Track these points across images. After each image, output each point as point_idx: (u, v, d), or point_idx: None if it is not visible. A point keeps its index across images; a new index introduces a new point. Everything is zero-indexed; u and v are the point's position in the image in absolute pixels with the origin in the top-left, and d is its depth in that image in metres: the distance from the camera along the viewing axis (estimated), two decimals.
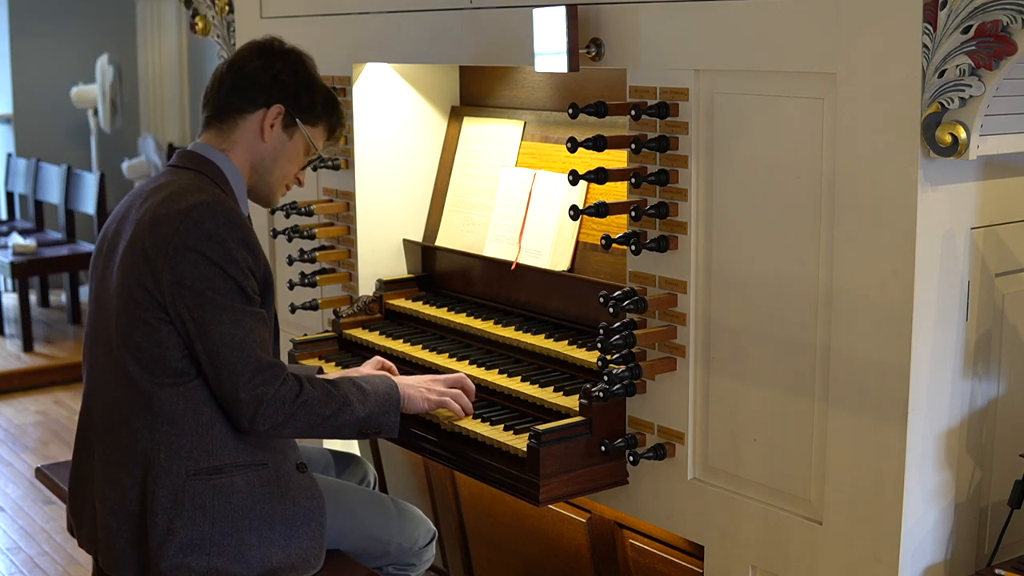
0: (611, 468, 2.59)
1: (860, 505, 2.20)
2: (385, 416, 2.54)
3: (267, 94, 2.57)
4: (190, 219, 2.37)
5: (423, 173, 3.52)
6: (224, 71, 2.60)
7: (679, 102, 2.42)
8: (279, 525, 2.47)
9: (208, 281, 2.36)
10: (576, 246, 3.01)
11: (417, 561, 2.84)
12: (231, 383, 2.36)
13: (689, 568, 2.68)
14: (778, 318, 2.31)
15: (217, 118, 2.59)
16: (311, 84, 2.63)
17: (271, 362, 2.41)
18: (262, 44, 2.63)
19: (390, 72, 3.43)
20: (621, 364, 2.50)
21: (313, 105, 2.62)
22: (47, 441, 5.87)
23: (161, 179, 2.53)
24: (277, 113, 2.57)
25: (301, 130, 2.60)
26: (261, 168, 2.60)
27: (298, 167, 2.67)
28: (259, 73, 2.57)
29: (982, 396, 2.28)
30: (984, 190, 2.19)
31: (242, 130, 2.57)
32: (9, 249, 7.42)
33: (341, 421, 2.48)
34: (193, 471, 2.41)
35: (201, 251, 2.36)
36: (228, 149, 2.57)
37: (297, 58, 2.63)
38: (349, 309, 3.37)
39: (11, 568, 4.45)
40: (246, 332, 2.38)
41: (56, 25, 8.77)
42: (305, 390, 2.43)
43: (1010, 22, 1.88)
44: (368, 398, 2.52)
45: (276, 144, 2.59)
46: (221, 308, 2.36)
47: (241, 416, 2.39)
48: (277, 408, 2.39)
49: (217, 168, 2.54)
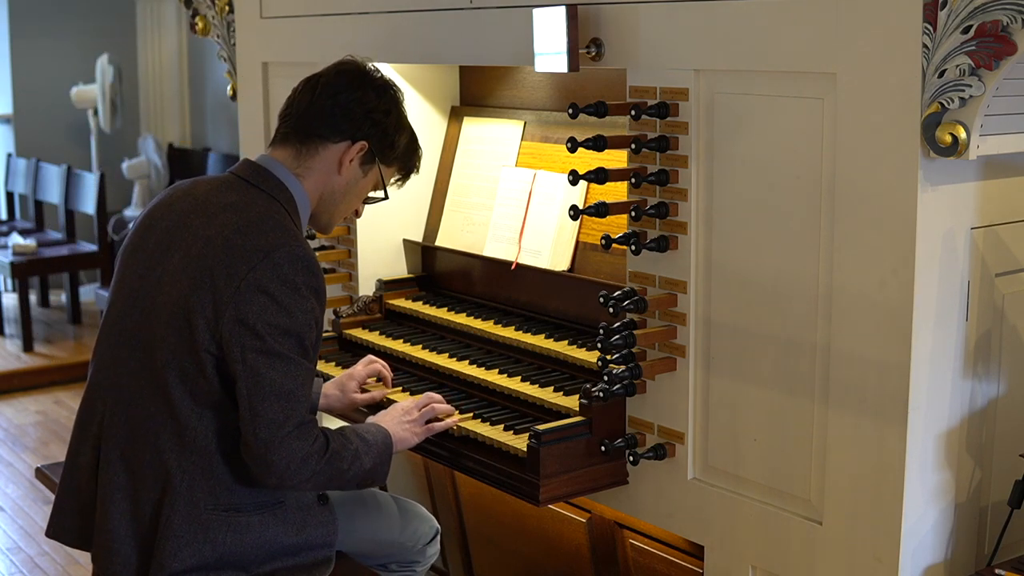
0: (611, 468, 2.59)
1: (860, 505, 2.20)
2: (382, 467, 2.50)
3: (356, 128, 2.49)
4: (269, 260, 2.28)
5: (423, 173, 3.48)
6: (317, 88, 2.51)
7: (679, 102, 2.42)
8: (287, 554, 2.43)
9: (272, 327, 2.27)
10: (576, 246, 3.01)
11: (421, 558, 2.83)
12: (270, 434, 2.27)
13: (689, 568, 2.68)
14: (778, 318, 2.31)
15: (297, 138, 2.49)
16: (399, 126, 2.57)
17: (309, 419, 2.34)
18: (360, 72, 2.54)
19: (390, 72, 3.43)
20: (621, 364, 2.50)
21: (396, 147, 2.57)
22: (47, 441, 5.87)
23: (232, 195, 2.42)
24: (360, 149, 2.50)
25: (377, 168, 2.55)
26: (329, 199, 2.53)
27: (361, 201, 2.62)
28: (352, 105, 2.48)
29: (982, 396, 2.28)
30: (984, 190, 2.19)
31: (321, 158, 2.49)
32: (9, 249, 7.42)
33: (351, 475, 2.42)
34: (212, 506, 2.35)
35: (272, 294, 2.28)
36: (303, 175, 2.48)
37: (393, 96, 2.56)
38: (349, 309, 3.37)
39: (11, 568, 4.46)
40: (296, 386, 2.30)
41: (56, 25, 8.77)
42: (331, 446, 2.37)
43: (1010, 22, 1.88)
44: (371, 449, 2.47)
45: (350, 179, 2.53)
46: (276, 355, 2.28)
47: (269, 473, 2.30)
48: (308, 464, 2.32)
49: (290, 195, 2.45)
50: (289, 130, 2.51)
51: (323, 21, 3.44)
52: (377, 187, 2.60)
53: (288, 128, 2.52)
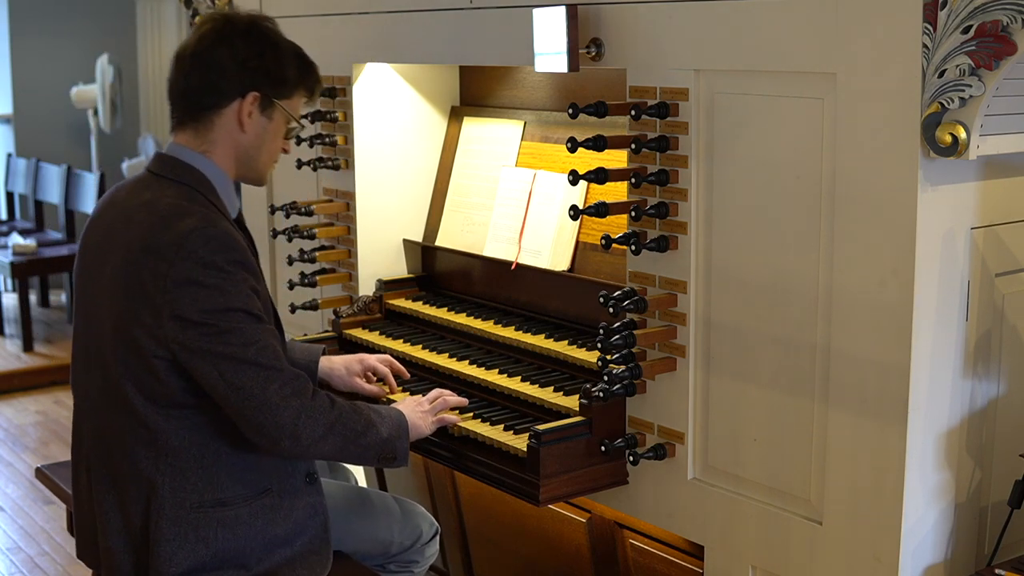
0: (611, 468, 2.59)
1: (860, 505, 2.20)
2: (400, 441, 2.48)
3: (238, 84, 2.40)
4: (184, 249, 2.26)
5: (423, 173, 3.52)
6: (187, 62, 2.42)
7: (679, 102, 2.42)
8: (282, 546, 2.44)
9: (210, 313, 2.26)
10: (576, 246, 3.01)
11: (420, 557, 2.83)
12: (261, 398, 2.27)
13: (689, 568, 2.68)
14: (778, 318, 2.31)
15: (191, 117, 2.43)
16: (279, 57, 2.45)
17: (296, 372, 2.33)
18: (221, 26, 2.43)
19: (390, 72, 3.43)
20: (621, 364, 2.50)
21: (286, 79, 2.45)
22: (47, 441, 5.87)
23: (145, 193, 2.40)
24: (253, 100, 2.41)
25: (279, 107, 2.46)
26: (245, 158, 2.47)
27: (281, 141, 2.53)
28: (225, 63, 2.39)
29: (982, 396, 2.28)
30: (984, 190, 2.19)
31: (219, 127, 2.42)
32: (9, 249, 7.42)
33: (369, 440, 2.41)
34: (197, 504, 2.36)
35: (199, 281, 2.26)
36: (208, 150, 2.43)
37: (259, 33, 2.44)
38: (349, 309, 3.37)
39: (11, 568, 4.46)
40: (261, 348, 2.29)
41: (56, 25, 8.77)
42: (337, 403, 2.36)
43: (1010, 22, 1.88)
44: (385, 421, 2.47)
45: (257, 131, 2.45)
46: (227, 332, 2.26)
47: (281, 430, 2.28)
48: (316, 418, 2.31)
49: (200, 175, 2.41)
50: (180, 114, 2.45)
51: (323, 21, 3.44)
52: (289, 121, 2.51)
53: (178, 112, 2.46)
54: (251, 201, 3.94)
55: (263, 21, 2.49)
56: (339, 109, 3.41)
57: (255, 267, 2.37)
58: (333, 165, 3.42)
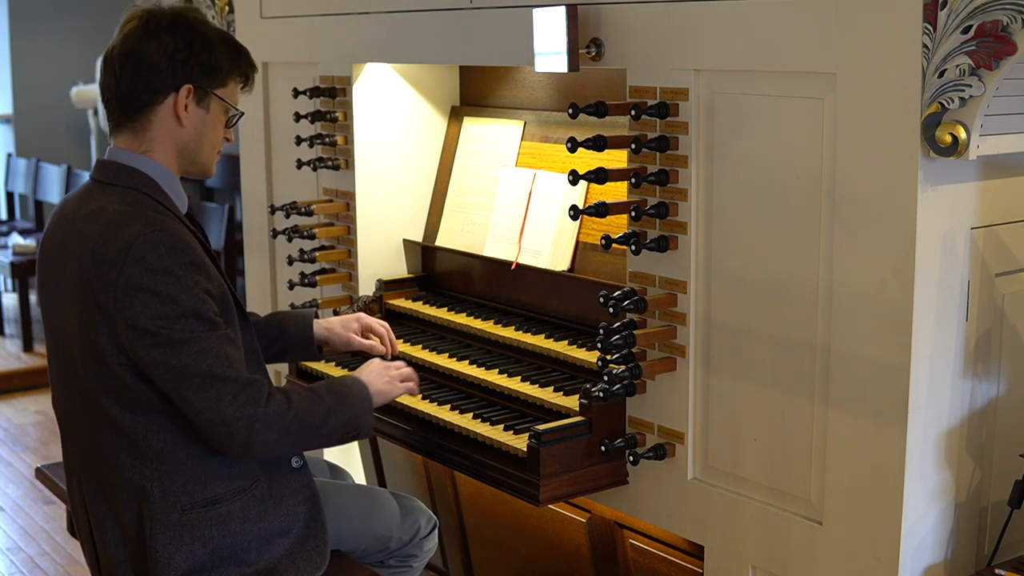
0: (611, 468, 2.59)
1: (860, 505, 2.20)
2: (362, 418, 2.48)
3: (170, 78, 2.36)
4: (131, 256, 2.23)
5: (423, 173, 3.52)
6: (116, 63, 2.37)
7: (679, 102, 2.42)
8: (277, 537, 2.44)
9: (162, 319, 2.23)
10: (576, 246, 3.01)
11: (418, 552, 2.83)
12: (213, 410, 2.25)
13: (689, 568, 2.68)
14: (778, 318, 2.31)
15: (127, 118, 2.39)
16: (208, 46, 2.40)
17: (250, 379, 2.30)
18: (144, 22, 2.37)
19: (390, 72, 3.43)
20: (621, 364, 2.50)
21: (218, 67, 2.41)
22: (47, 441, 5.87)
23: (91, 202, 2.36)
24: (187, 93, 2.37)
25: (215, 97, 2.42)
26: (188, 152, 2.42)
27: (223, 130, 2.48)
28: (154, 58, 2.34)
29: (982, 396, 2.28)
30: (984, 190, 2.19)
31: (157, 124, 2.38)
32: (9, 249, 7.42)
33: (328, 429, 2.41)
34: (188, 505, 2.36)
35: (148, 288, 2.23)
36: (149, 150, 2.39)
37: (185, 25, 2.39)
38: (349, 309, 3.37)
39: (11, 568, 4.45)
40: (214, 357, 2.25)
41: (56, 25, 8.77)
42: (294, 402, 2.35)
43: (1010, 22, 1.88)
44: (346, 403, 2.46)
45: (196, 123, 2.40)
46: (181, 342, 2.23)
47: (235, 442, 2.28)
48: (271, 423, 2.30)
49: (144, 176, 2.37)
50: (116, 116, 2.41)
51: (323, 21, 3.44)
52: (228, 109, 2.47)
53: (115, 114, 2.41)
54: (251, 201, 3.94)
55: (189, 12, 2.45)
56: (339, 109, 3.41)
57: (207, 265, 2.33)
58: (333, 165, 3.42)
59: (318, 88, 3.43)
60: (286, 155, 3.65)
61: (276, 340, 2.81)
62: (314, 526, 2.50)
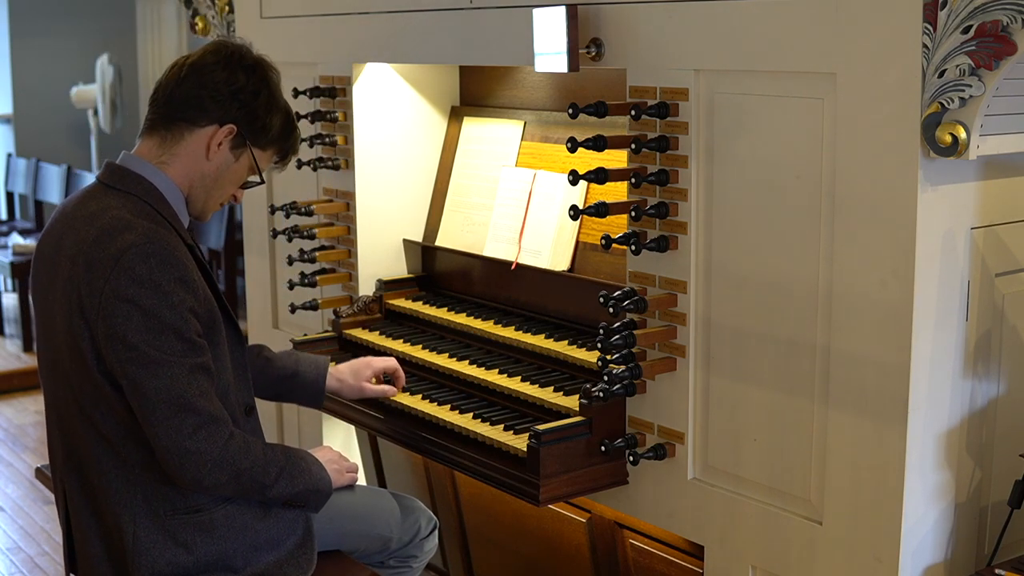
0: (611, 468, 2.59)
1: (860, 505, 2.20)
2: (316, 495, 2.46)
3: (222, 111, 2.37)
4: (120, 265, 2.21)
5: (423, 173, 3.52)
6: (184, 71, 2.39)
7: (679, 102, 2.42)
8: (264, 544, 2.43)
9: (142, 333, 2.20)
10: (576, 246, 3.01)
11: (419, 552, 2.83)
12: (171, 439, 2.22)
13: (689, 568, 2.68)
14: (778, 318, 2.31)
15: (163, 125, 2.39)
16: (271, 106, 2.43)
17: (214, 415, 2.27)
18: (231, 52, 2.41)
19: (390, 72, 3.43)
20: (621, 364, 2.50)
21: (268, 129, 2.43)
22: (47, 441, 5.87)
23: (92, 204, 2.35)
24: (228, 133, 2.38)
25: (248, 152, 2.43)
26: (199, 187, 2.42)
27: (237, 187, 2.50)
28: (220, 86, 2.36)
29: (982, 396, 2.28)
30: (984, 190, 2.19)
31: (187, 144, 2.38)
32: (9, 249, 7.43)
33: (276, 491, 2.38)
34: (170, 511, 2.34)
35: (133, 300, 2.20)
36: (167, 162, 2.39)
37: (263, 76, 2.43)
38: (349, 309, 3.37)
39: (11, 568, 4.46)
40: (185, 385, 2.23)
41: (56, 25, 8.78)
42: (252, 452, 2.32)
43: (1010, 22, 1.88)
44: (302, 474, 2.43)
45: (220, 165, 2.41)
46: (156, 363, 2.21)
47: (184, 475, 2.25)
48: (222, 467, 2.27)
49: (150, 186, 2.36)
50: (155, 117, 2.41)
51: (323, 21, 3.44)
52: (252, 172, 2.48)
53: (154, 115, 2.41)
54: (251, 201, 3.94)
55: (270, 68, 2.47)
56: (339, 109, 3.41)
57: (195, 283, 2.30)
58: (333, 165, 3.42)
59: (318, 88, 3.43)
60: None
61: (285, 380, 2.80)
62: (306, 539, 2.49)
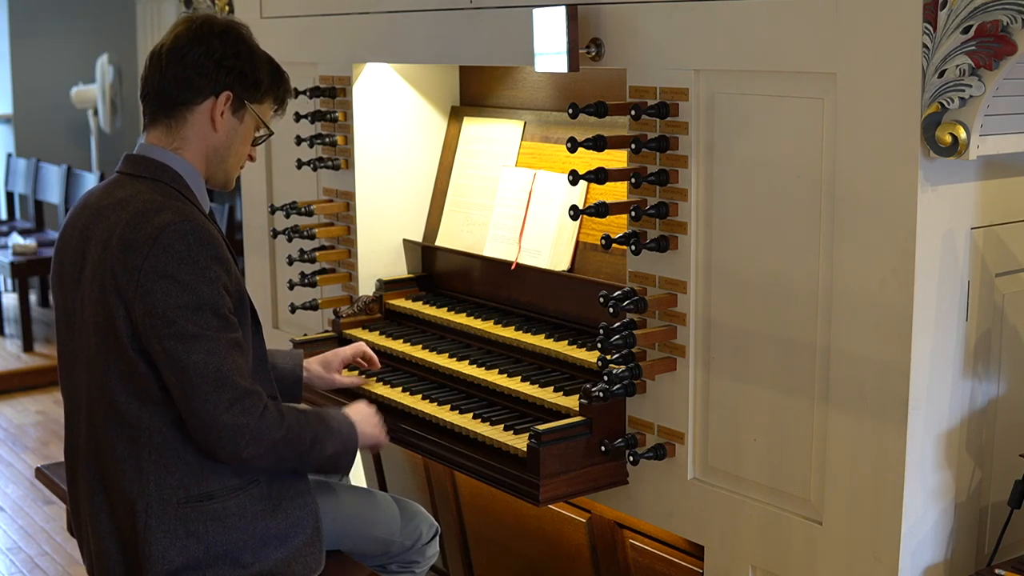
0: (611, 468, 2.59)
1: (860, 505, 2.20)
2: (344, 456, 2.51)
3: (213, 82, 2.43)
4: (160, 243, 2.27)
5: (423, 173, 3.52)
6: (163, 59, 2.44)
7: (679, 102, 2.42)
8: (274, 539, 2.44)
9: (181, 309, 2.26)
10: (576, 246, 3.01)
11: (420, 558, 2.83)
12: (209, 414, 2.28)
13: (689, 568, 2.68)
14: (778, 318, 2.31)
15: (164, 113, 2.45)
16: (254, 61, 2.49)
17: (249, 389, 2.32)
18: (198, 26, 2.46)
19: (390, 72, 3.43)
20: (621, 364, 2.50)
21: (259, 82, 2.49)
22: (47, 441, 5.87)
23: (119, 192, 2.41)
24: (226, 100, 2.44)
25: (250, 110, 2.49)
26: (215, 158, 2.49)
27: (248, 146, 2.56)
28: (201, 60, 2.41)
29: (982, 396, 2.28)
30: (984, 190, 2.19)
31: (192, 124, 2.44)
32: (9, 249, 7.42)
33: (311, 457, 2.44)
34: (184, 499, 2.36)
35: (172, 276, 2.27)
36: (180, 147, 2.45)
37: (236, 36, 2.48)
38: (349, 309, 3.37)
39: (11, 568, 4.46)
40: (221, 360, 2.28)
41: (56, 25, 8.78)
42: (287, 422, 2.37)
43: (1010, 22, 1.88)
44: (334, 436, 2.49)
45: (228, 131, 2.47)
46: (194, 337, 2.27)
47: (222, 449, 2.31)
48: (261, 438, 2.32)
49: (174, 172, 2.42)
50: (153, 109, 2.46)
51: (323, 21, 3.44)
52: (259, 127, 2.54)
53: (152, 108, 2.47)
54: (251, 201, 3.95)
55: (240, 26, 2.52)
56: (339, 109, 3.41)
57: (229, 262, 2.37)
58: (333, 165, 3.43)
59: (318, 88, 3.43)
60: (286, 155, 3.65)
61: None
62: (315, 538, 2.50)
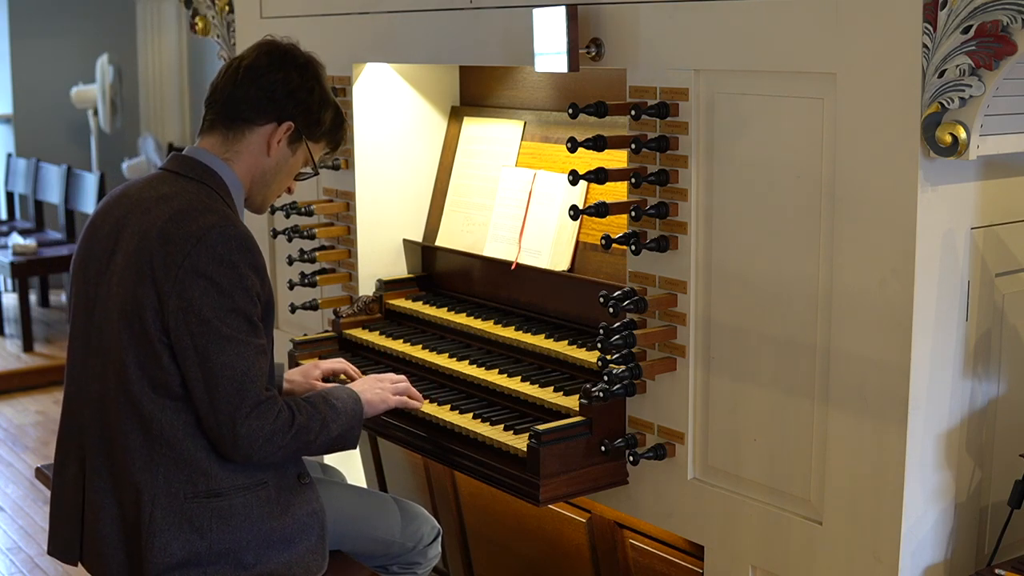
0: (611, 468, 2.59)
1: (860, 505, 2.20)
2: (351, 432, 2.54)
3: (280, 110, 2.51)
4: (203, 243, 2.32)
5: (423, 173, 3.52)
6: (240, 74, 2.51)
7: (679, 102, 2.42)
8: (277, 542, 2.44)
9: (216, 309, 2.31)
10: (576, 246, 3.01)
11: (422, 559, 2.83)
12: (229, 416, 2.32)
13: (689, 568, 2.68)
14: (778, 318, 2.31)
15: (224, 124, 2.52)
16: (324, 102, 2.57)
17: (268, 396, 2.37)
18: (283, 52, 2.54)
19: (390, 72, 3.43)
20: (621, 364, 2.50)
21: (321, 123, 2.57)
22: (47, 441, 5.87)
23: (164, 187, 2.46)
24: (287, 130, 2.52)
25: (304, 145, 2.57)
26: (260, 181, 2.56)
27: (291, 180, 2.63)
28: (276, 87, 2.50)
29: (982, 396, 2.28)
30: (984, 190, 2.19)
31: (248, 142, 2.51)
32: (9, 249, 7.42)
33: (319, 444, 2.48)
34: (191, 494, 2.38)
35: (211, 277, 2.31)
36: (231, 159, 2.51)
37: (315, 73, 2.56)
38: (349, 309, 3.37)
39: (11, 568, 4.46)
40: (248, 365, 2.33)
41: (56, 25, 8.78)
42: (297, 420, 2.41)
43: (1010, 22, 1.88)
44: (339, 415, 2.51)
45: (280, 159, 2.55)
46: (226, 338, 2.32)
47: (237, 452, 2.35)
48: (273, 441, 2.36)
49: (221, 180, 2.48)
50: (215, 116, 2.53)
51: (323, 21, 3.44)
52: (306, 163, 2.62)
53: (214, 115, 2.53)
54: None
55: (319, 65, 2.60)
56: None
57: (264, 271, 2.43)
58: (333, 165, 3.43)
59: None
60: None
61: None
62: (319, 544, 2.51)
